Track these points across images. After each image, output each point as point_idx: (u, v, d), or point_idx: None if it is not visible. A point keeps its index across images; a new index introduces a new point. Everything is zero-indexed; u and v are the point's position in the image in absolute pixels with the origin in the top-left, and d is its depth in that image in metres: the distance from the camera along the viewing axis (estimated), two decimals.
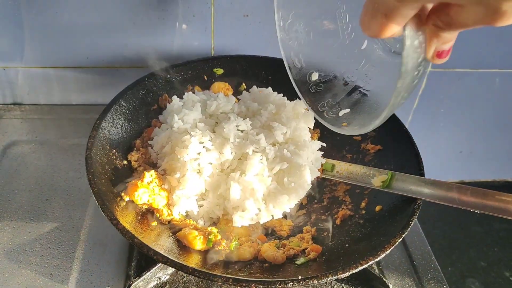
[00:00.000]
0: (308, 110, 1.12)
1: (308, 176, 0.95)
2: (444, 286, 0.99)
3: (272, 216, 0.95)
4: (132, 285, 0.86)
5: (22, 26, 1.23)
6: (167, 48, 1.31)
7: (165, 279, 0.92)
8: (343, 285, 0.95)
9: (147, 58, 1.31)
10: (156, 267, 0.88)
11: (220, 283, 0.85)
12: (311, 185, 0.98)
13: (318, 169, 1.01)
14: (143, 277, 0.87)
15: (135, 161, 0.99)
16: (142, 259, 0.96)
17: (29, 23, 1.23)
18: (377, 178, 0.94)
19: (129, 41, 1.29)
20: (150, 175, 0.92)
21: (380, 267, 1.02)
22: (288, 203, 0.95)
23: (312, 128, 1.13)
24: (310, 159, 1.00)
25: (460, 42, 1.36)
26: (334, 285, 0.95)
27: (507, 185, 1.82)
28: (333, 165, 1.02)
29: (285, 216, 1.01)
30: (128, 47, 1.30)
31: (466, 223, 1.70)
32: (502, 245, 1.62)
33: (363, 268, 0.90)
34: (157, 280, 0.91)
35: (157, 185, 0.93)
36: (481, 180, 1.83)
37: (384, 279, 0.92)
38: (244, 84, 1.23)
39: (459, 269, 1.54)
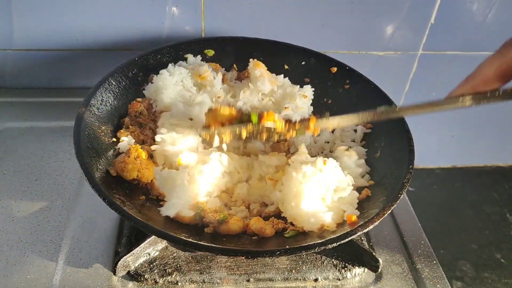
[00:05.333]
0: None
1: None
2: (434, 262, 0.99)
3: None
4: (121, 260, 0.86)
5: (10, 8, 1.22)
6: (157, 29, 1.30)
7: (155, 255, 0.92)
8: (333, 260, 0.95)
9: (137, 40, 1.31)
10: (145, 242, 0.88)
11: (208, 254, 0.86)
12: None
13: None
14: (132, 252, 0.87)
15: (126, 136, 0.98)
16: (132, 236, 0.95)
17: (17, 4, 1.21)
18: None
19: (119, 23, 1.28)
20: (135, 150, 0.92)
21: (371, 244, 1.02)
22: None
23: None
24: None
25: (450, 24, 1.39)
26: (324, 260, 0.95)
27: (499, 170, 1.83)
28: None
29: None
30: (118, 29, 1.29)
31: (457, 207, 1.70)
32: (493, 228, 1.63)
33: (354, 243, 0.92)
34: (146, 256, 0.91)
35: (144, 159, 0.92)
36: (473, 165, 1.84)
37: (374, 254, 0.93)
38: (235, 65, 1.23)
39: (450, 252, 1.54)
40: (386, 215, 0.81)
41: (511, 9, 1.37)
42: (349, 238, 0.77)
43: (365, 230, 0.79)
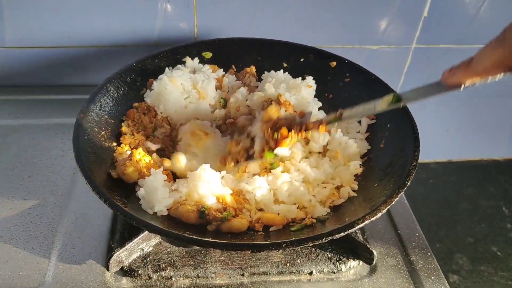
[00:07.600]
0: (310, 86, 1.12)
1: None
2: (429, 254, 0.99)
3: None
4: (114, 255, 0.85)
5: (2, 6, 1.22)
6: (150, 25, 1.29)
7: (148, 250, 0.92)
8: (328, 253, 0.95)
9: (130, 36, 1.30)
10: (138, 237, 0.88)
11: (212, 249, 0.85)
12: None
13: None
14: (126, 247, 0.86)
15: (127, 144, 0.98)
16: (125, 232, 0.95)
17: (9, 2, 1.21)
18: (382, 101, 0.85)
19: (112, 20, 1.27)
20: (138, 153, 0.92)
21: (365, 237, 1.02)
22: None
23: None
24: None
25: (444, 17, 1.38)
26: (318, 254, 0.95)
27: (494, 163, 1.84)
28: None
29: None
30: (110, 25, 1.28)
31: (453, 200, 1.71)
32: (489, 221, 1.63)
33: (348, 236, 0.91)
34: (140, 251, 0.91)
35: (146, 163, 0.92)
36: (468, 159, 1.84)
37: (369, 246, 0.92)
38: (233, 66, 1.22)
39: (446, 245, 1.55)
40: (394, 202, 0.81)
41: (504, 1, 1.37)
42: (357, 227, 0.76)
43: (374, 218, 0.78)
